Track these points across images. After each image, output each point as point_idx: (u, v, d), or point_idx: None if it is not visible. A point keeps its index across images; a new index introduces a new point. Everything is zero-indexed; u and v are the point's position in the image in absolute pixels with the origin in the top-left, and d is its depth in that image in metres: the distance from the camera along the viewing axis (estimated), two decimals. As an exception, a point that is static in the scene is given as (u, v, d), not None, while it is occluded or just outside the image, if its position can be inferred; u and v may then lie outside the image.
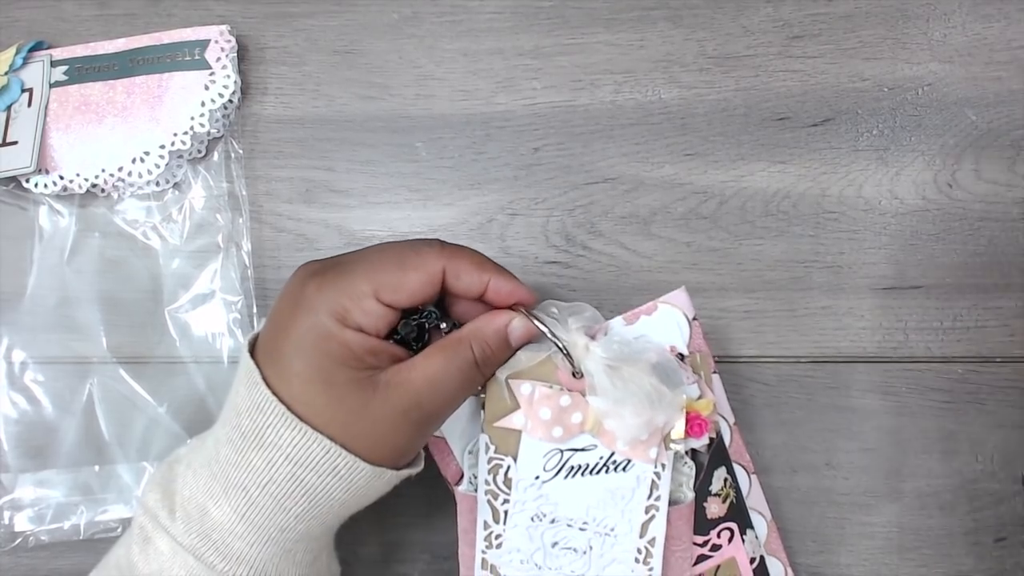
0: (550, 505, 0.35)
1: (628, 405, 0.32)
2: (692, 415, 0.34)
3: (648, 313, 0.35)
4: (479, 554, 0.35)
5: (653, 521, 0.34)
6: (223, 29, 0.43)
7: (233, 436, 0.31)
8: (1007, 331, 0.42)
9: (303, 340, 0.30)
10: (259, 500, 0.30)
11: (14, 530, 0.42)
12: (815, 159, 0.43)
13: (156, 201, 0.44)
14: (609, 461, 0.34)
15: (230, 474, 0.31)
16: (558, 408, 0.33)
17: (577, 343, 0.33)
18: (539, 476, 0.34)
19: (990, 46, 0.43)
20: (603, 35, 0.44)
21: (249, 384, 0.31)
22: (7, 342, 0.44)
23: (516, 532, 0.35)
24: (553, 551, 0.35)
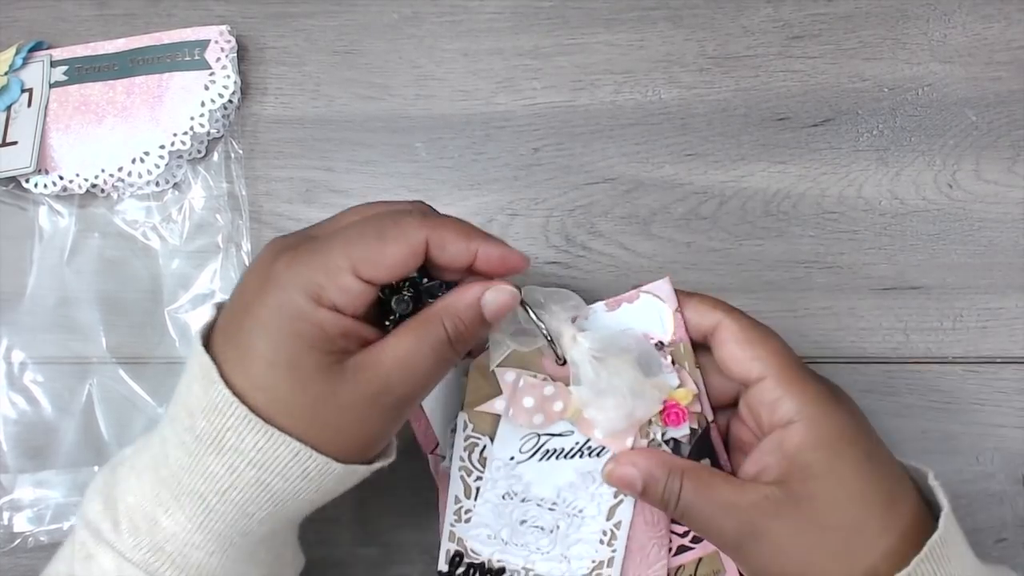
0: (522, 485, 0.35)
1: (610, 397, 0.32)
2: (671, 404, 0.34)
3: (630, 301, 0.35)
4: (447, 526, 0.36)
5: (621, 506, 0.35)
6: (223, 29, 0.43)
7: (186, 439, 0.28)
8: (1007, 331, 0.42)
9: (270, 320, 0.28)
10: (218, 507, 0.28)
11: (13, 531, 0.42)
12: (815, 159, 0.43)
13: (156, 201, 0.44)
14: (584, 447, 0.35)
15: (183, 480, 0.28)
16: (541, 397, 0.34)
17: (564, 332, 0.33)
18: (514, 457, 0.35)
19: (990, 46, 0.43)
20: (603, 35, 0.44)
21: (204, 381, 0.28)
22: (7, 342, 0.44)
23: (486, 508, 0.35)
24: (520, 528, 0.35)
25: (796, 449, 0.30)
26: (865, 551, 0.29)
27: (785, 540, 0.30)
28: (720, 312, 0.33)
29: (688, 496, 0.31)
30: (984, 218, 0.42)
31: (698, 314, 0.34)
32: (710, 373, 0.35)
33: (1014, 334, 0.42)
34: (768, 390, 0.31)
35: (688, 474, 0.32)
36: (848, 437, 0.30)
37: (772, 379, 0.31)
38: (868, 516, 0.29)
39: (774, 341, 0.32)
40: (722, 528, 0.31)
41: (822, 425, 0.30)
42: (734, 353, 0.32)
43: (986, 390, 0.42)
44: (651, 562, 0.35)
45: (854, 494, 0.29)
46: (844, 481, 0.29)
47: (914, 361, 0.42)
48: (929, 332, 0.42)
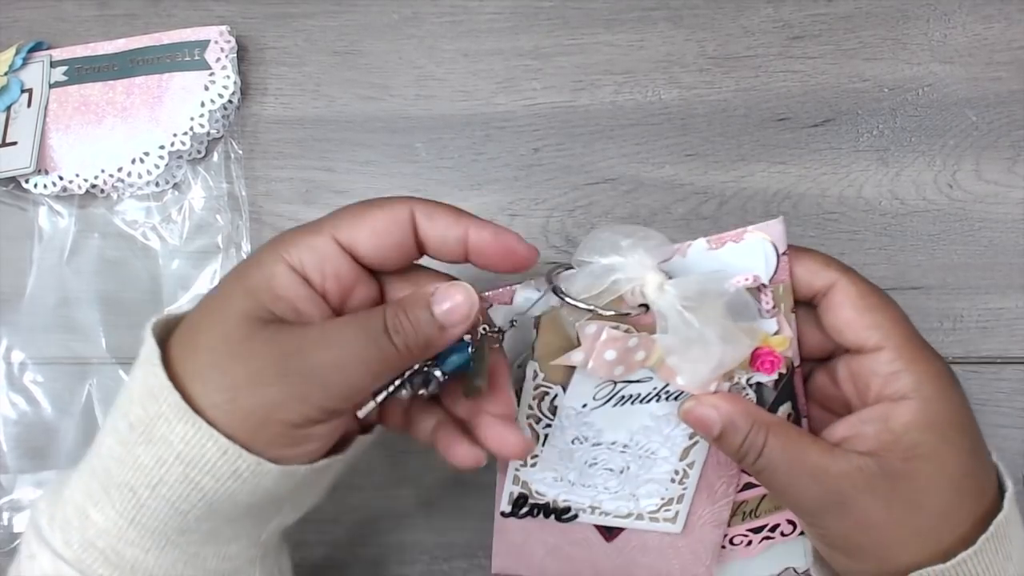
0: (593, 431, 0.34)
1: (698, 346, 0.30)
2: (765, 351, 0.32)
3: (735, 240, 0.32)
4: (511, 470, 0.35)
5: (696, 447, 0.34)
6: (223, 29, 0.43)
7: (119, 426, 0.26)
8: (1007, 332, 0.42)
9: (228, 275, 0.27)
10: (149, 502, 0.26)
11: (13, 531, 0.42)
12: (815, 159, 0.43)
13: (156, 202, 0.44)
14: (662, 391, 0.33)
15: (112, 471, 0.26)
16: (625, 350, 0.31)
17: (649, 280, 0.30)
18: (587, 404, 0.33)
19: (990, 46, 0.43)
20: (603, 35, 0.44)
21: (146, 365, 0.26)
22: (7, 342, 0.44)
23: (553, 453, 0.34)
24: (589, 470, 0.35)
25: (904, 427, 0.29)
26: (948, 534, 0.29)
27: (873, 515, 0.29)
28: (835, 271, 0.31)
29: (772, 454, 0.29)
30: (984, 218, 0.42)
31: (809, 272, 0.31)
32: (803, 323, 0.33)
33: (1014, 334, 0.42)
34: (885, 362, 0.29)
35: (774, 430, 0.30)
36: (957, 423, 0.29)
37: (891, 351, 0.29)
38: (960, 503, 0.29)
39: (893, 309, 0.30)
40: (803, 493, 0.29)
41: (936, 406, 0.29)
42: (850, 319, 0.30)
43: (987, 390, 0.42)
44: (717, 498, 0.35)
45: (954, 480, 0.29)
46: (945, 466, 0.29)
47: (914, 361, 0.42)
48: (929, 332, 0.42)
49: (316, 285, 0.27)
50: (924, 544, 0.29)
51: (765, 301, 0.32)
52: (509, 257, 0.29)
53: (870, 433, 0.29)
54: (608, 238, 0.30)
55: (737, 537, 0.38)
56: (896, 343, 0.29)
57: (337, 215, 0.28)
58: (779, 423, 0.30)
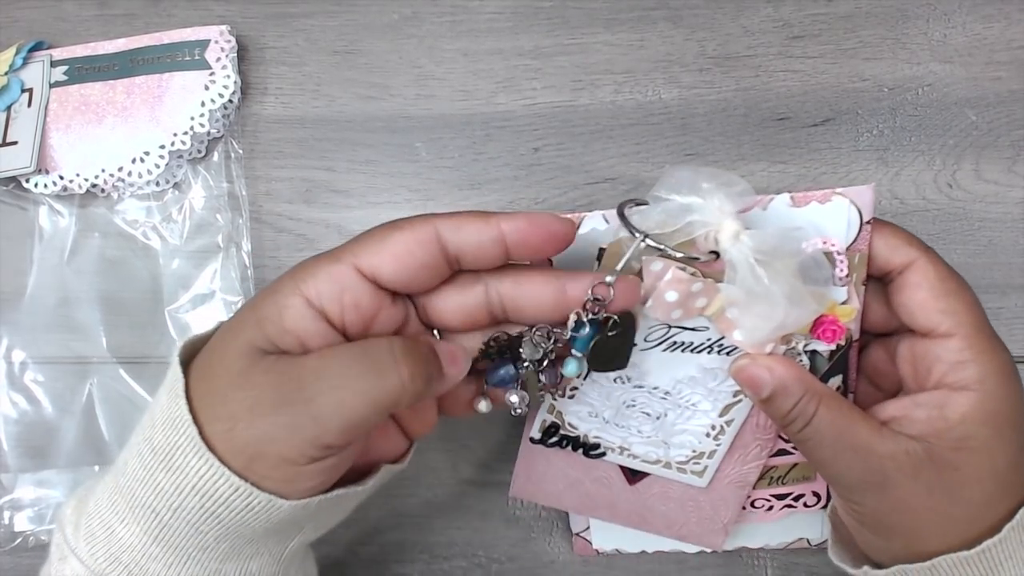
0: (638, 372, 0.33)
1: (763, 302, 0.29)
2: (830, 319, 0.31)
3: (821, 201, 0.31)
4: (548, 399, 0.34)
5: (738, 405, 0.33)
6: (223, 29, 0.43)
7: (143, 450, 0.26)
8: (1007, 331, 0.42)
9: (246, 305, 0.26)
10: (172, 523, 0.26)
11: (14, 530, 0.42)
12: (815, 159, 0.43)
13: (156, 201, 0.44)
14: (716, 344, 0.32)
15: (136, 491, 0.26)
16: (687, 293, 0.30)
17: (726, 227, 0.29)
18: (637, 344, 0.32)
19: (990, 46, 0.43)
20: (603, 35, 0.44)
21: (171, 393, 0.26)
22: (7, 342, 0.44)
23: (593, 388, 0.34)
24: (625, 411, 0.34)
25: (961, 417, 0.28)
26: (982, 523, 0.29)
27: (913, 499, 0.29)
28: (916, 250, 0.30)
29: (821, 424, 0.29)
30: (984, 218, 0.42)
31: (889, 247, 0.30)
32: (870, 297, 0.32)
33: (1014, 334, 0.42)
34: (953, 350, 0.29)
35: (826, 402, 0.29)
36: (1013, 419, 0.29)
37: (961, 339, 0.29)
38: (1002, 496, 0.29)
39: (969, 295, 0.30)
40: (846, 468, 0.29)
41: (996, 401, 0.28)
42: (925, 302, 0.29)
43: (986, 390, 0.42)
44: (748, 460, 0.35)
45: (999, 475, 0.29)
46: (995, 461, 0.28)
47: (914, 361, 0.42)
48: (929, 332, 0.42)
49: (334, 317, 0.26)
50: (956, 531, 0.29)
51: (840, 268, 0.31)
52: (551, 240, 0.27)
53: (922, 417, 0.29)
54: (689, 178, 0.28)
55: (759, 500, 0.38)
56: (967, 332, 0.29)
57: (359, 240, 0.27)
58: (831, 394, 0.30)
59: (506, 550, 0.42)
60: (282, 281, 0.27)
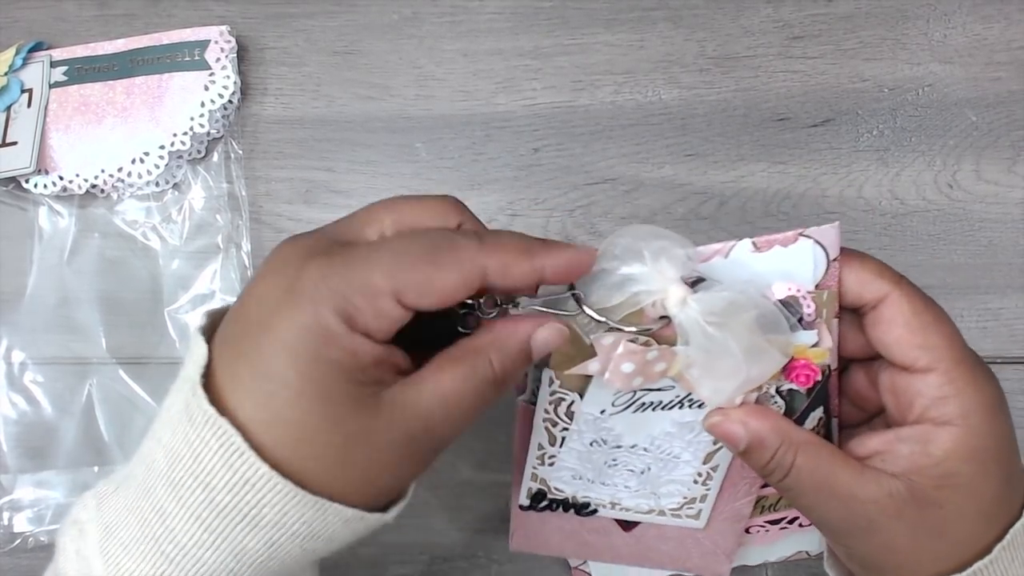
0: (612, 435, 0.33)
1: (723, 360, 0.28)
2: (801, 363, 0.30)
3: (784, 244, 0.30)
4: (530, 467, 0.34)
5: (720, 452, 0.33)
6: (223, 29, 0.43)
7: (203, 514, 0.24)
8: (1007, 331, 0.42)
9: (298, 341, 0.24)
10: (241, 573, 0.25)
11: (13, 531, 0.42)
12: (815, 159, 0.43)
13: (156, 201, 0.44)
14: (685, 399, 0.31)
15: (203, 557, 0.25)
16: (643, 362, 0.29)
17: (672, 293, 0.28)
18: (605, 411, 0.32)
19: (990, 47, 0.43)
20: (603, 35, 0.44)
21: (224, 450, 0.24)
22: (7, 342, 0.44)
23: (571, 455, 0.33)
24: (608, 470, 0.34)
25: (945, 454, 0.27)
26: (970, 552, 0.28)
27: (898, 541, 0.28)
28: (887, 283, 0.29)
29: (800, 475, 0.28)
30: (984, 218, 0.42)
31: (860, 282, 0.29)
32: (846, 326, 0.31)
33: (1014, 334, 0.42)
34: (933, 385, 0.28)
35: (804, 450, 0.28)
36: (998, 455, 0.28)
37: (941, 374, 0.28)
38: (988, 530, 0.28)
39: (946, 326, 0.28)
40: (830, 514, 0.28)
41: (981, 436, 0.27)
42: (901, 338, 0.28)
43: (986, 390, 0.42)
44: (740, 496, 0.35)
45: (984, 512, 0.28)
46: (979, 498, 0.28)
47: (914, 361, 0.42)
48: (929, 332, 0.42)
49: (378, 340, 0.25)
50: (946, 563, 0.28)
51: (807, 308, 0.30)
52: (579, 271, 0.27)
53: (905, 453, 0.28)
54: (629, 245, 0.28)
55: (754, 528, 0.38)
56: (947, 366, 0.28)
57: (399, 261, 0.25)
58: (809, 441, 0.29)
59: (506, 550, 0.42)
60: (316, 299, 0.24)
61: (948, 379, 0.28)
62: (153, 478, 0.25)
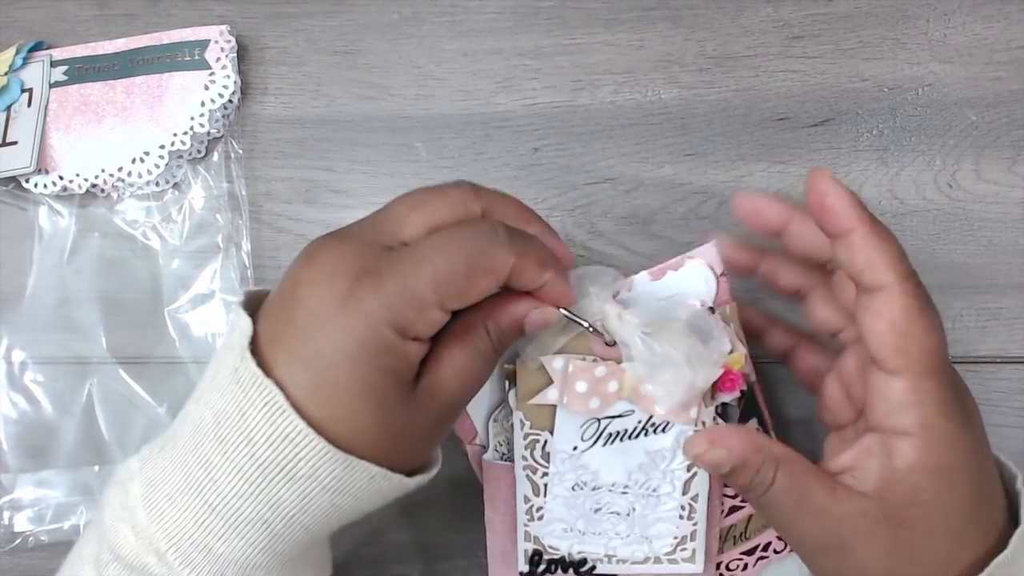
0: (590, 474, 0.34)
1: (668, 370, 0.31)
2: (724, 370, 0.32)
3: (675, 269, 0.33)
4: (521, 526, 0.35)
5: (695, 479, 0.34)
6: (223, 29, 0.43)
7: (245, 466, 0.27)
8: (1007, 331, 0.42)
9: (358, 354, 0.26)
10: (284, 532, 0.28)
11: (14, 530, 0.42)
12: (815, 159, 0.43)
13: (156, 201, 0.44)
14: (648, 424, 0.33)
15: (242, 508, 0.27)
16: (593, 379, 0.32)
17: (609, 312, 0.31)
18: (577, 447, 0.34)
19: (990, 46, 0.43)
20: (603, 35, 0.44)
21: (268, 408, 0.26)
22: (7, 342, 0.44)
23: (557, 503, 0.35)
24: (595, 516, 0.35)
25: (908, 468, 0.27)
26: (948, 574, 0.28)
27: (871, 564, 0.28)
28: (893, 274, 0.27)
29: (779, 491, 0.28)
30: (984, 218, 0.42)
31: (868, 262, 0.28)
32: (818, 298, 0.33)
33: (1014, 334, 0.42)
34: (898, 391, 0.27)
35: (784, 466, 0.28)
36: (966, 468, 0.27)
37: (907, 381, 0.27)
38: (960, 550, 0.28)
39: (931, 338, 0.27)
40: (804, 532, 0.28)
41: (944, 449, 0.27)
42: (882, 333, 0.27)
43: (985, 390, 0.42)
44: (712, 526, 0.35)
45: (954, 529, 0.27)
46: (949, 515, 0.27)
47: (914, 361, 0.42)
48: (929, 332, 0.42)
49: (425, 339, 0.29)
50: None
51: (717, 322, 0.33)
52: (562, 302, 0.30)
53: (874, 468, 0.28)
54: None
55: (732, 563, 0.37)
56: (915, 375, 0.27)
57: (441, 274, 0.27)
58: (787, 456, 0.29)
59: (506, 550, 0.42)
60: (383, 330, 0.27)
61: (913, 387, 0.27)
62: (200, 435, 0.27)
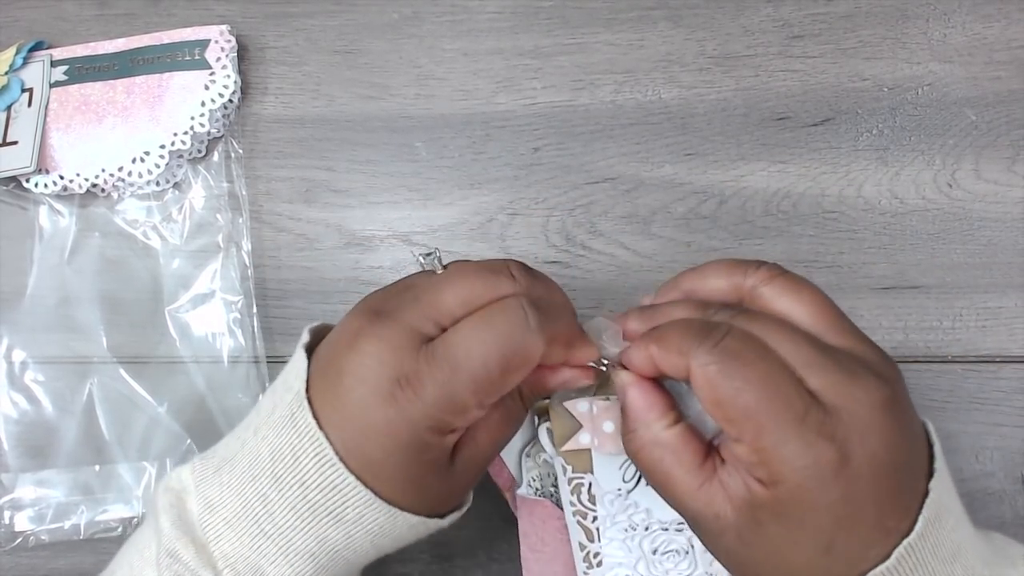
0: (641, 513, 0.34)
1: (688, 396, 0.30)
2: None
3: None
4: (581, 574, 0.35)
5: None
6: (223, 29, 0.43)
7: (298, 506, 0.29)
8: (1007, 331, 0.42)
9: (398, 448, 0.28)
10: (327, 564, 0.30)
11: (14, 530, 0.42)
12: (815, 159, 0.43)
13: (156, 201, 0.44)
14: None
15: (293, 539, 0.29)
16: (619, 418, 0.31)
17: None
18: (620, 488, 0.34)
19: (990, 46, 0.43)
20: (603, 35, 0.44)
21: (318, 460, 0.28)
22: (7, 342, 0.44)
23: (613, 547, 0.34)
24: (656, 557, 0.34)
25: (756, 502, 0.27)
26: None
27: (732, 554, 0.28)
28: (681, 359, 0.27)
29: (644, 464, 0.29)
30: (984, 218, 0.42)
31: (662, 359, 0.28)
32: None
33: (1013, 333, 0.42)
34: (744, 453, 0.26)
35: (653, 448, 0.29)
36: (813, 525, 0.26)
37: (747, 445, 0.26)
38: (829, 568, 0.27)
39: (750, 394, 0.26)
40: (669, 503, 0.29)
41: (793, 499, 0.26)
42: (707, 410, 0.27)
43: (985, 389, 0.42)
44: None
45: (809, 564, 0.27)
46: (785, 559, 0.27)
47: (913, 360, 0.42)
48: (928, 331, 0.42)
49: None
50: None
51: None
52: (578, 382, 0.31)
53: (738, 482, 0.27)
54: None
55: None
56: (750, 438, 0.26)
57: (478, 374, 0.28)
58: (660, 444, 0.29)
59: (506, 550, 0.42)
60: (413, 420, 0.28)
61: (752, 449, 0.26)
62: (258, 469, 0.29)
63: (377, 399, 0.28)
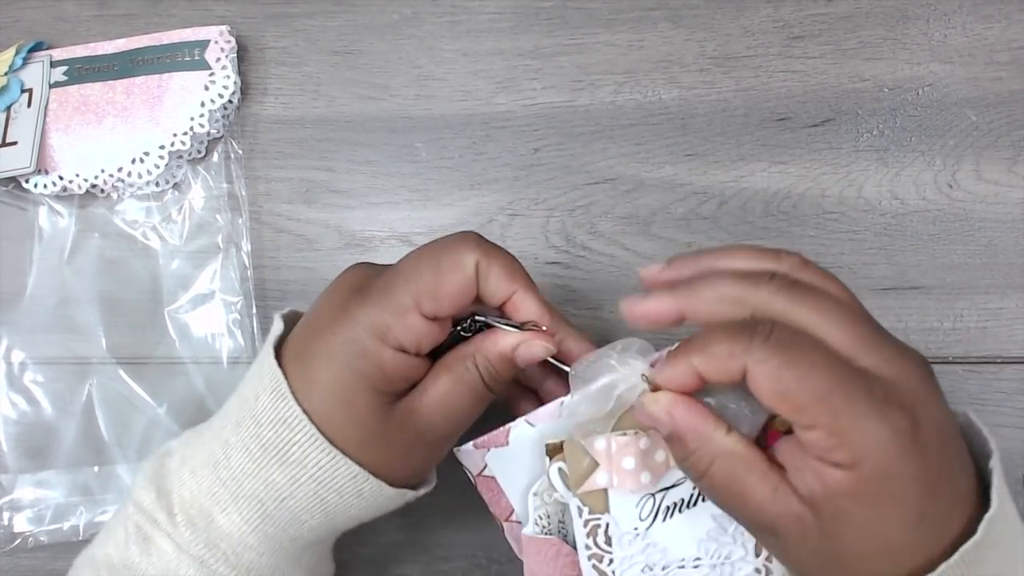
0: (659, 552, 0.33)
1: None
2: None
3: None
4: None
5: None
6: (223, 29, 0.43)
7: (251, 445, 0.30)
8: (1007, 331, 0.42)
9: (336, 351, 0.30)
10: (275, 513, 0.30)
11: (13, 531, 0.42)
12: (815, 159, 0.43)
13: (156, 201, 0.44)
14: None
15: (244, 483, 0.30)
16: (639, 453, 0.31)
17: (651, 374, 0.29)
18: (637, 527, 0.33)
19: (990, 46, 0.43)
20: (603, 35, 0.44)
21: (274, 394, 0.30)
22: (7, 342, 0.44)
23: None
24: None
25: (835, 491, 0.26)
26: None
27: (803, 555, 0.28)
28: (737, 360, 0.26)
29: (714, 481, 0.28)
30: (984, 218, 0.42)
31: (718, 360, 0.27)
32: None
33: (1014, 334, 0.42)
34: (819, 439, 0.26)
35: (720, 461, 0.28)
36: (903, 498, 0.26)
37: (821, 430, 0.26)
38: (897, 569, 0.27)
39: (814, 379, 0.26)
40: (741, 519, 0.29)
41: (874, 481, 0.26)
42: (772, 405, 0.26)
43: (986, 390, 0.42)
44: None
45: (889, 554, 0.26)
46: (880, 540, 0.26)
47: (914, 361, 0.42)
48: (929, 332, 0.42)
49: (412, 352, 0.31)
50: None
51: None
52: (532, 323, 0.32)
53: (810, 480, 0.27)
54: (595, 361, 0.30)
55: None
56: (826, 421, 0.26)
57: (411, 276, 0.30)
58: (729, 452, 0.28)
59: (506, 550, 0.42)
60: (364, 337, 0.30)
61: (829, 432, 0.26)
62: (225, 418, 0.32)
63: (332, 308, 0.30)
